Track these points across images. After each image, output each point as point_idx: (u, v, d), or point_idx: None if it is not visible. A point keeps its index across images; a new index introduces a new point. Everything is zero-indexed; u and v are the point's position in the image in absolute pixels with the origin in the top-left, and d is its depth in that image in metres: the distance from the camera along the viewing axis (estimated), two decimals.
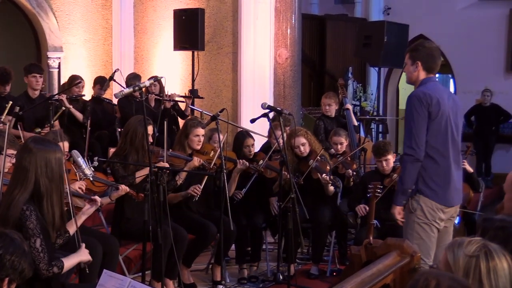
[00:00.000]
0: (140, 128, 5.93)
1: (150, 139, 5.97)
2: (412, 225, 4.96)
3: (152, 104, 8.98)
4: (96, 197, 4.75)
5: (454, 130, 4.97)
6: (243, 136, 7.19)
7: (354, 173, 7.46)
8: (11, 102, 7.41)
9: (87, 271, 4.39)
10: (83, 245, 4.33)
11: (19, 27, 11.50)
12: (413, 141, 4.82)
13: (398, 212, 5.03)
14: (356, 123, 9.29)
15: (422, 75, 4.97)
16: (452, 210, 5.04)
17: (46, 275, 3.98)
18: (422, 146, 4.83)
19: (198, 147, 6.65)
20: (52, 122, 7.66)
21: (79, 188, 5.32)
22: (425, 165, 4.88)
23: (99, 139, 9.06)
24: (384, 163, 6.88)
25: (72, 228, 4.39)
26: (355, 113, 10.13)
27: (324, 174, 6.87)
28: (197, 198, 6.40)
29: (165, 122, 6.23)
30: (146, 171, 5.81)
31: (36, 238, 3.91)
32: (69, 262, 4.18)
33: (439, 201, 4.91)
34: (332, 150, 7.92)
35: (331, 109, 8.94)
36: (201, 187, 6.39)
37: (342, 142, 7.83)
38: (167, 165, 5.93)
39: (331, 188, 7.00)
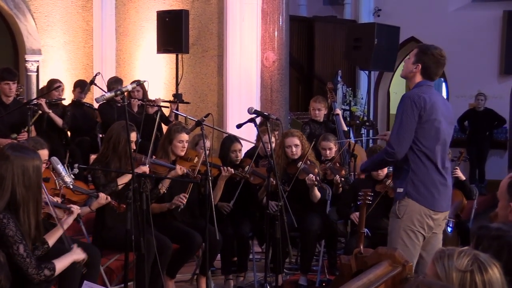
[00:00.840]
0: (124, 134, 5.92)
1: (133, 146, 5.96)
2: (398, 231, 4.98)
3: (135, 109, 8.96)
4: (74, 207, 4.73)
5: (446, 136, 5.01)
6: (230, 141, 7.19)
7: (343, 179, 7.47)
8: None
9: (84, 273, 4.38)
10: (75, 244, 4.31)
11: None
12: (397, 140, 4.86)
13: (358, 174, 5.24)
14: (346, 128, 9.30)
15: (418, 78, 5.01)
16: (441, 216, 5.06)
17: (38, 280, 3.96)
18: (404, 148, 4.88)
19: (182, 153, 6.64)
20: (29, 127, 7.59)
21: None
22: (414, 168, 4.91)
23: (80, 145, 9.05)
24: None
25: (52, 239, 4.37)
26: (344, 118, 10.14)
27: (311, 175, 6.88)
28: (182, 207, 6.40)
29: (155, 128, 6.20)
30: (128, 178, 5.80)
31: (19, 244, 3.89)
32: (62, 263, 4.16)
33: (428, 205, 4.93)
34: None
35: (321, 114, 8.95)
36: (187, 196, 6.38)
37: (331, 148, 7.84)
38: (147, 169, 5.93)
39: (317, 193, 7.02)
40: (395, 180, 5.14)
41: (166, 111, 9.25)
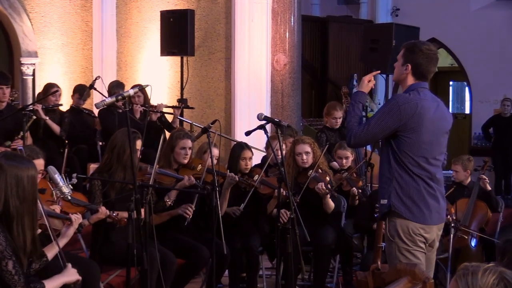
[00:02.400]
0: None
1: (138, 154, 5.96)
2: (394, 253, 4.91)
3: (138, 115, 8.92)
4: (73, 216, 4.72)
5: (435, 147, 4.89)
6: (241, 148, 7.18)
7: (360, 190, 7.45)
8: None
9: None
10: (69, 264, 4.30)
11: None
12: (361, 132, 4.82)
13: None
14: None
15: (410, 80, 4.92)
16: (434, 229, 4.97)
17: None
18: (361, 142, 5.01)
19: (185, 161, 6.64)
20: (23, 133, 7.59)
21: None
22: (400, 181, 4.82)
23: (78, 154, 9.05)
24: None
25: (51, 252, 4.37)
26: None
27: (321, 183, 6.86)
28: (189, 220, 6.38)
29: (162, 137, 6.16)
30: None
31: (8, 260, 3.89)
32: (52, 284, 4.15)
33: (415, 219, 4.83)
34: (335, 163, 7.92)
35: (340, 121, 8.93)
36: (193, 207, 6.37)
37: (348, 157, 7.83)
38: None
39: (330, 202, 7.00)
40: (380, 190, 5.07)
41: (170, 118, 9.25)
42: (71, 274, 4.26)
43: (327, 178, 7.04)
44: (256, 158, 8.10)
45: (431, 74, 4.96)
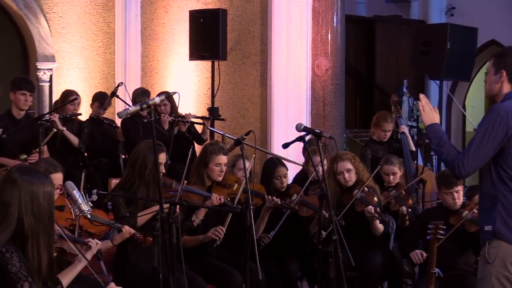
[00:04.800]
0: (152, 157, 5.91)
1: (163, 170, 5.97)
2: (489, 278, 4.85)
3: (166, 126, 8.92)
4: (92, 241, 4.74)
5: None
6: (274, 165, 7.18)
7: (410, 210, 7.41)
8: None
9: None
10: None
11: (3, 32, 11.64)
12: (470, 158, 4.74)
13: None
14: (413, 149, 9.22)
15: (506, 87, 4.88)
16: None
17: None
18: (473, 169, 4.74)
19: (220, 179, 6.65)
20: (41, 146, 7.65)
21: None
22: (503, 201, 4.76)
23: (98, 168, 9.10)
24: (455, 195, 6.77)
25: (66, 278, 4.39)
26: (411, 137, 10.07)
27: (369, 206, 6.83)
28: (219, 243, 6.39)
29: (190, 150, 6.17)
30: (151, 209, 5.80)
31: (23, 282, 3.91)
32: None
33: None
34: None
35: (389, 135, 8.89)
36: (224, 229, 6.38)
37: (395, 172, 7.79)
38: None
39: (379, 225, 6.96)
40: (481, 213, 5.02)
41: (199, 128, 9.28)
42: None
43: (375, 199, 6.99)
44: (294, 171, 8.11)
45: None
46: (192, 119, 9.09)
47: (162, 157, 6.02)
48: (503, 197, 4.75)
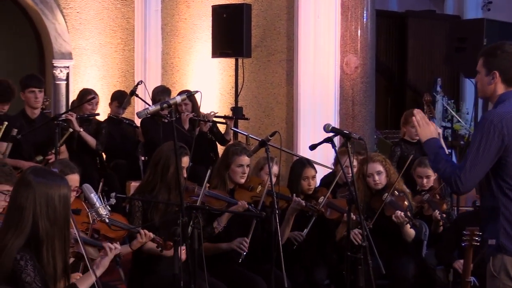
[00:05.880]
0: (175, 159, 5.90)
1: (185, 174, 5.97)
2: None
3: (186, 126, 8.92)
4: (110, 246, 4.74)
5: None
6: (302, 165, 7.17)
7: (444, 215, 7.38)
8: (6, 123, 7.47)
9: None
10: None
11: (18, 28, 11.71)
12: (468, 172, 4.68)
13: None
14: (447, 151, 9.18)
15: (500, 89, 4.79)
16: None
17: None
18: (472, 183, 4.66)
19: (242, 181, 6.64)
20: (58, 147, 7.67)
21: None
22: (506, 213, 4.70)
23: (117, 170, 9.12)
24: None
25: (83, 285, 4.39)
26: (445, 138, 10.03)
27: (398, 211, 6.80)
28: (244, 257, 6.38)
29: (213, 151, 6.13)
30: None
31: None
32: None
33: None
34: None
35: None
36: (248, 240, 6.36)
37: (429, 175, 7.75)
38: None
39: (410, 230, 6.93)
40: (484, 226, 4.97)
41: (222, 128, 9.27)
42: None
43: (405, 203, 6.97)
44: (323, 175, 8.09)
45: None
46: (214, 119, 9.09)
47: (185, 161, 6.02)
48: (505, 209, 4.67)
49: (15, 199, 4.04)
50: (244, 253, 6.36)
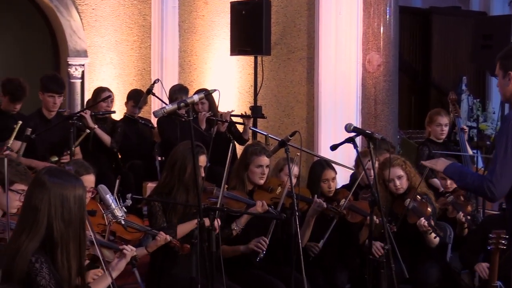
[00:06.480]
0: (192, 158, 5.90)
1: (202, 173, 5.98)
2: None
3: (203, 125, 8.95)
4: (127, 248, 4.75)
5: None
6: (321, 167, 7.16)
7: (469, 217, 7.35)
8: (20, 123, 7.50)
9: None
10: None
11: (32, 25, 11.74)
12: (499, 176, 4.66)
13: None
14: (471, 152, 9.16)
15: None
16: None
17: None
18: (506, 186, 4.68)
19: (262, 182, 6.64)
20: (73, 148, 7.68)
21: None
22: None
23: (133, 170, 9.13)
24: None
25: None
26: (471, 138, 9.99)
27: (422, 219, 6.78)
28: (262, 256, 6.37)
29: (230, 150, 6.10)
30: (192, 225, 5.77)
31: None
32: None
33: None
34: (436, 180, 7.81)
35: (446, 131, 8.84)
36: (268, 239, 6.36)
37: None
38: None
39: (434, 239, 6.90)
40: (510, 228, 4.96)
41: (240, 127, 9.27)
42: None
43: (429, 210, 6.93)
44: (344, 176, 8.07)
45: None
46: (232, 118, 9.09)
47: (202, 160, 6.02)
48: None
49: (29, 200, 4.05)
50: (263, 253, 6.35)
